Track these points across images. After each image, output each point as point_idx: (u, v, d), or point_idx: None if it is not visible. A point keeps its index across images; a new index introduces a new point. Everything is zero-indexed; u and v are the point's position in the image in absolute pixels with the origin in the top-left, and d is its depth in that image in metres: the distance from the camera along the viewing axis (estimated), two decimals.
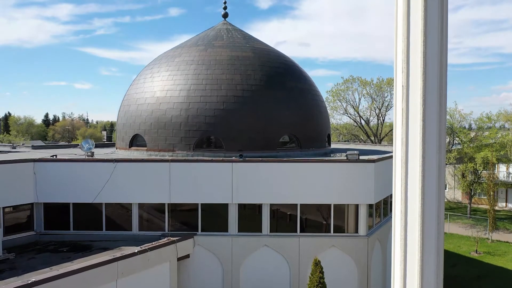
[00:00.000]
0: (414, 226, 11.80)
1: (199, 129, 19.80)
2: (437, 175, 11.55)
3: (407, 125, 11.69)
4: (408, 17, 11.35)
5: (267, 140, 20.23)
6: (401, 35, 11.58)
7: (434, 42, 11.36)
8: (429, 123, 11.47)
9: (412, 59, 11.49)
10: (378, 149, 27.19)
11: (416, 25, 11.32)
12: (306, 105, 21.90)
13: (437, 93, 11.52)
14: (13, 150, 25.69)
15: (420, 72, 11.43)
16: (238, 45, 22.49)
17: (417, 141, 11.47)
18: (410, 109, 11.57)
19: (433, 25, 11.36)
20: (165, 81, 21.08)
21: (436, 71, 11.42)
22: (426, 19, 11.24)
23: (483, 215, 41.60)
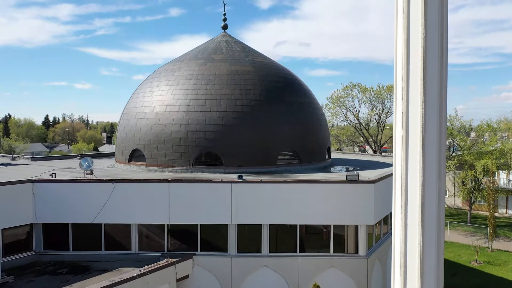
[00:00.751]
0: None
1: (198, 145, 19.77)
2: (437, 194, 11.52)
3: (406, 153, 11.69)
4: (408, 44, 11.33)
5: (267, 155, 20.20)
6: (401, 62, 11.56)
7: (434, 70, 11.34)
8: (428, 150, 11.46)
9: (412, 86, 11.48)
10: (378, 161, 27.18)
11: (415, 53, 11.28)
12: (306, 120, 21.85)
13: (437, 120, 11.50)
14: (13, 162, 25.64)
15: (420, 99, 11.42)
16: (237, 58, 22.44)
17: (417, 169, 11.45)
18: (410, 137, 11.58)
19: (433, 51, 11.33)
20: (164, 95, 21.04)
21: (436, 99, 11.37)
22: (426, 45, 11.21)
23: (483, 222, 41.57)
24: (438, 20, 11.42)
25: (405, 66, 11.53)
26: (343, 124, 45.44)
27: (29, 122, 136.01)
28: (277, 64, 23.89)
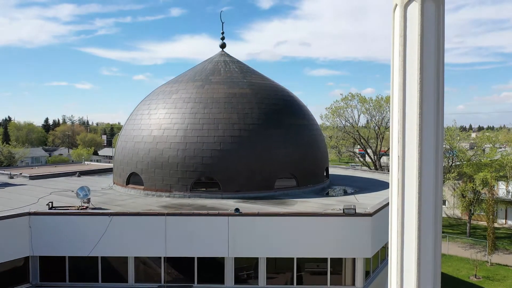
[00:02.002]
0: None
1: (196, 170, 19.73)
2: (433, 242, 11.51)
3: (403, 195, 11.66)
4: (404, 88, 11.31)
5: (265, 179, 20.17)
6: (397, 106, 11.53)
7: (430, 114, 11.32)
8: (425, 194, 11.44)
9: (408, 129, 11.45)
10: (377, 179, 27.11)
11: (411, 98, 11.27)
12: (304, 142, 21.80)
13: (434, 163, 11.50)
14: (10, 181, 25.58)
15: (416, 144, 11.39)
16: (235, 80, 22.38)
17: (413, 213, 11.43)
18: (406, 179, 11.55)
19: (429, 95, 11.32)
20: (162, 119, 21.00)
21: (432, 143, 11.39)
22: (422, 91, 11.20)
23: (482, 233, 41.51)
24: (434, 64, 11.41)
25: (402, 111, 11.52)
26: (342, 135, 45.29)
27: (29, 125, 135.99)
28: (274, 85, 23.82)
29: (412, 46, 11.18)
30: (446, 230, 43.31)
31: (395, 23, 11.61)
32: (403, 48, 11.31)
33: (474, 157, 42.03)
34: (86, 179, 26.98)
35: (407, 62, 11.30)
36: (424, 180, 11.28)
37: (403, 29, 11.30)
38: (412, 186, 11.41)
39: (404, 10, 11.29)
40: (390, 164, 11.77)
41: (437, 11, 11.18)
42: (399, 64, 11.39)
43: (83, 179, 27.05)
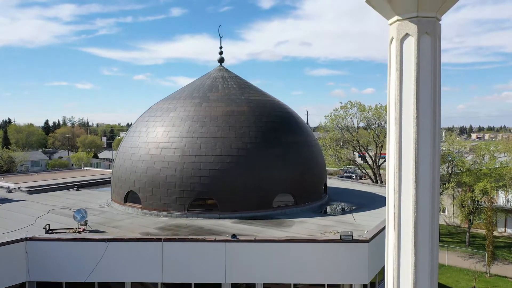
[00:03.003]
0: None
1: (193, 190, 19.71)
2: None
3: (399, 231, 11.62)
4: (400, 123, 11.27)
5: (262, 198, 20.14)
6: (393, 142, 11.49)
7: (426, 150, 11.28)
8: (421, 229, 11.40)
9: (404, 165, 11.41)
10: (376, 193, 27.05)
11: (408, 135, 11.23)
12: (302, 160, 21.78)
13: (430, 197, 11.46)
14: (8, 196, 25.56)
15: (412, 178, 11.35)
16: (233, 97, 22.35)
17: (409, 249, 11.40)
18: (402, 215, 11.51)
19: (426, 131, 11.27)
20: (159, 137, 20.98)
21: (429, 177, 11.35)
22: (418, 127, 11.16)
23: (482, 242, 41.44)
24: (431, 99, 11.37)
25: (398, 145, 11.47)
26: (341, 143, 45.31)
27: (29, 127, 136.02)
28: (272, 101, 23.78)
29: (409, 81, 11.10)
30: (446, 239, 43.28)
31: (391, 57, 11.55)
32: (399, 83, 11.24)
33: (474, 165, 41.93)
34: (84, 193, 26.97)
35: (403, 97, 11.25)
36: (420, 216, 11.23)
37: (399, 64, 11.23)
38: (408, 223, 11.38)
39: (400, 44, 11.22)
40: (387, 198, 11.72)
41: (433, 45, 11.11)
42: (395, 99, 11.33)
43: (81, 193, 27.05)
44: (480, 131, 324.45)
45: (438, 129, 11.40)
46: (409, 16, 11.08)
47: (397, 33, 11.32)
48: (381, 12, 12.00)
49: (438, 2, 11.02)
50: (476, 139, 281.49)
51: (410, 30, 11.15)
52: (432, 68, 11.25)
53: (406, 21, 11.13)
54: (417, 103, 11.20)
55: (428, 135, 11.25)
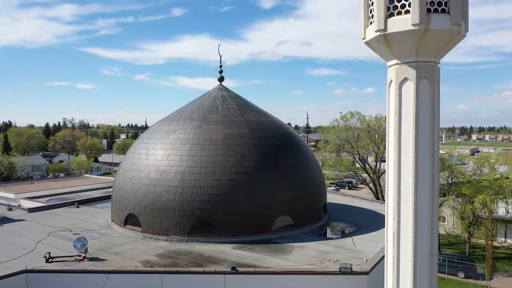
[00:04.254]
0: None
1: (193, 215, 19.75)
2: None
3: (398, 274, 11.67)
4: (399, 170, 11.30)
5: (262, 222, 20.18)
6: (392, 185, 11.52)
7: (425, 193, 11.32)
8: (420, 274, 11.45)
9: (404, 208, 11.45)
10: (377, 211, 27.08)
11: (407, 178, 11.26)
12: (302, 182, 21.81)
13: (429, 241, 11.50)
14: (9, 216, 25.58)
15: (411, 222, 11.38)
16: (233, 119, 22.38)
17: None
18: (401, 258, 11.57)
19: (425, 175, 11.30)
20: (159, 160, 21.01)
21: (428, 220, 11.39)
22: (417, 171, 11.19)
23: (482, 253, 41.47)
24: (429, 143, 11.41)
25: (397, 188, 11.51)
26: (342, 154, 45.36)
27: (29, 130, 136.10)
28: (272, 122, 23.80)
29: (407, 125, 11.15)
30: (445, 249, 43.32)
31: (390, 100, 11.59)
32: (398, 126, 11.30)
33: (474, 176, 41.91)
34: (84, 211, 26.99)
35: (402, 141, 11.30)
36: (419, 260, 11.29)
37: (398, 107, 11.29)
38: (407, 266, 11.42)
39: (399, 88, 11.26)
40: (386, 239, 11.77)
41: (432, 89, 11.15)
42: (394, 142, 11.38)
43: (81, 211, 27.06)
44: (481, 132, 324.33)
45: (436, 173, 11.44)
46: (408, 60, 11.16)
47: (396, 77, 11.38)
48: (380, 54, 12.04)
49: (437, 48, 11.07)
50: (476, 140, 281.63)
51: (409, 74, 11.21)
52: (431, 112, 11.31)
53: (405, 66, 11.20)
54: (416, 147, 11.27)
55: (427, 179, 11.31)
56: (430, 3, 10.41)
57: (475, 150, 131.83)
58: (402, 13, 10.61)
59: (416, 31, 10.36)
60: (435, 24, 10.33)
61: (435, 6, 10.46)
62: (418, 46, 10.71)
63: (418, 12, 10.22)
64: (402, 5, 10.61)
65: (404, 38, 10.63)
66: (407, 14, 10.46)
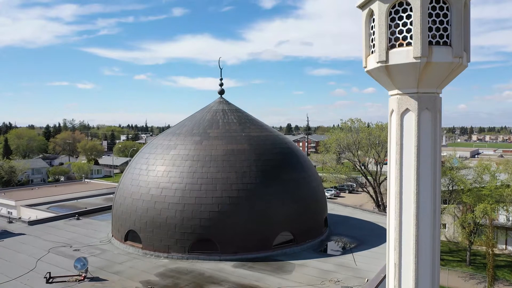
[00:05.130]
0: None
1: (194, 232, 19.71)
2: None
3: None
4: (400, 201, 11.26)
5: (263, 240, 20.14)
6: (393, 216, 11.48)
7: (427, 225, 11.27)
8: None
9: (405, 241, 11.40)
10: (379, 224, 27.05)
11: (408, 209, 11.22)
12: (302, 197, 21.77)
13: (430, 270, 11.45)
14: (9, 229, 25.54)
15: (413, 253, 11.34)
16: (233, 134, 22.33)
17: None
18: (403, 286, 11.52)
19: (426, 205, 11.26)
20: (160, 177, 20.97)
21: (429, 250, 11.35)
22: (419, 202, 11.15)
23: (483, 261, 41.44)
24: (431, 173, 11.37)
25: (398, 218, 11.46)
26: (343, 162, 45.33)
27: (29, 132, 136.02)
28: (272, 136, 23.74)
29: (409, 156, 11.09)
30: (446, 257, 43.31)
31: (392, 129, 11.49)
32: (400, 157, 11.23)
33: (474, 184, 41.84)
34: (85, 224, 26.95)
35: (403, 171, 11.25)
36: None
37: (400, 138, 11.22)
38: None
39: (401, 118, 11.20)
40: (387, 271, 11.72)
41: (433, 120, 11.07)
42: (395, 173, 11.33)
43: (82, 223, 27.03)
44: (481, 132, 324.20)
45: (438, 204, 11.37)
46: (410, 91, 11.10)
47: (398, 107, 11.31)
48: (381, 83, 11.99)
49: (438, 80, 11.03)
50: (477, 140, 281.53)
51: (410, 105, 11.15)
52: (432, 143, 11.25)
53: (407, 96, 11.14)
54: (418, 178, 11.22)
55: (428, 210, 11.25)
56: (431, 35, 10.37)
57: (476, 152, 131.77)
58: (403, 45, 10.57)
59: (417, 64, 10.32)
60: (436, 57, 10.27)
61: (436, 39, 10.42)
62: (420, 78, 10.66)
63: (419, 45, 10.14)
64: (403, 37, 10.54)
65: (405, 70, 10.58)
66: (408, 46, 10.42)
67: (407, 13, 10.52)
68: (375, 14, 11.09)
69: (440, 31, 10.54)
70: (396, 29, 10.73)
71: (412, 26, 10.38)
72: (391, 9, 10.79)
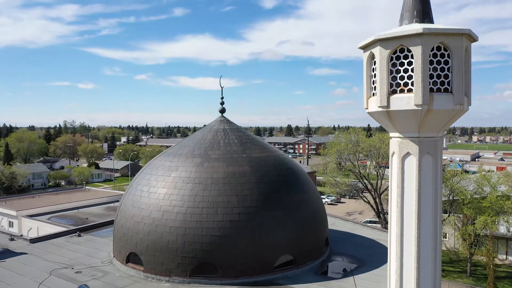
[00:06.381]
0: None
1: (195, 256, 19.77)
2: None
3: None
4: (401, 244, 11.31)
5: (264, 263, 20.20)
6: (394, 259, 11.53)
7: (428, 268, 11.33)
8: None
9: (406, 280, 11.47)
10: (378, 241, 27.10)
11: (409, 252, 11.28)
12: (303, 219, 21.82)
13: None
14: (10, 246, 25.63)
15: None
16: (234, 155, 22.39)
17: None
18: None
19: (427, 248, 11.32)
20: (161, 200, 21.04)
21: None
22: (419, 246, 11.20)
23: (483, 271, 41.51)
24: (432, 216, 11.43)
25: (399, 261, 11.53)
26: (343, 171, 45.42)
27: (30, 135, 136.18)
28: (273, 157, 23.77)
29: (410, 200, 11.16)
30: (447, 268, 43.37)
31: (393, 172, 11.59)
32: (401, 200, 11.32)
33: (475, 194, 41.90)
34: (86, 241, 27.01)
35: (404, 214, 11.32)
36: None
37: (401, 181, 11.30)
38: None
39: (402, 161, 11.27)
40: None
41: (434, 164, 11.16)
42: (396, 215, 11.40)
43: (83, 241, 27.08)
44: (482, 133, 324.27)
45: (439, 247, 11.46)
46: (411, 135, 11.16)
47: (399, 150, 11.39)
48: (383, 125, 12.04)
49: (439, 125, 11.08)
50: (477, 141, 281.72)
51: (411, 149, 11.21)
52: (433, 187, 11.32)
53: (408, 140, 11.20)
54: (419, 222, 11.29)
55: (429, 253, 11.34)
56: (432, 82, 10.42)
57: (476, 156, 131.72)
58: (404, 91, 10.62)
59: (418, 111, 10.38)
60: (437, 104, 10.32)
61: (437, 86, 10.46)
62: (421, 123, 10.70)
63: (421, 92, 10.19)
64: (404, 83, 10.60)
65: (406, 115, 10.63)
66: (409, 93, 10.46)
67: (408, 59, 10.58)
68: (376, 58, 11.15)
69: (441, 78, 10.59)
70: (397, 75, 10.79)
71: (413, 72, 10.44)
72: (392, 54, 10.85)
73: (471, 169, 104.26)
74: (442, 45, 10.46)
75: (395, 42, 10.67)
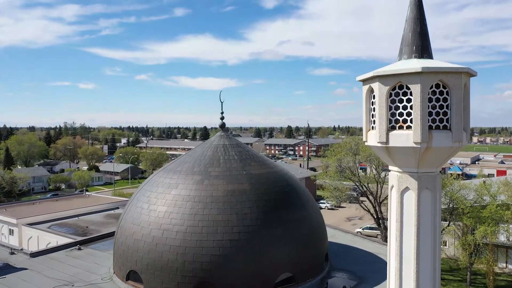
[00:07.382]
0: None
1: (195, 276, 19.80)
2: None
3: None
4: (400, 278, 11.34)
5: (264, 282, 20.22)
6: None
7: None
8: None
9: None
10: (377, 254, 27.14)
11: (408, 285, 11.31)
12: (303, 236, 21.86)
13: None
14: (11, 261, 25.66)
15: None
16: (234, 173, 22.42)
17: None
18: None
19: (426, 281, 11.35)
20: (161, 218, 21.07)
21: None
22: (418, 279, 11.24)
23: (483, 280, 41.54)
24: (431, 251, 11.46)
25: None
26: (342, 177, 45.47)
27: (30, 137, 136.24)
28: (273, 173, 23.79)
29: (409, 234, 11.19)
30: (447, 276, 43.40)
31: (392, 205, 11.61)
32: (400, 234, 11.34)
33: (475, 202, 41.90)
34: (86, 256, 27.04)
35: (403, 249, 11.35)
36: None
37: (400, 215, 11.32)
38: None
39: (401, 196, 11.29)
40: None
41: (433, 199, 11.16)
42: (395, 249, 11.43)
43: (83, 255, 27.11)
44: (482, 134, 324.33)
45: (438, 281, 11.49)
46: (410, 171, 11.17)
47: (398, 185, 11.41)
48: (382, 159, 12.07)
49: (438, 161, 11.10)
50: (477, 142, 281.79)
51: (410, 184, 11.23)
52: (432, 222, 11.34)
53: (407, 175, 11.21)
54: (417, 257, 11.31)
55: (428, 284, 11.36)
56: (431, 119, 10.43)
57: (476, 158, 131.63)
58: (403, 128, 10.64)
59: (418, 148, 10.39)
60: (436, 142, 10.32)
61: (436, 123, 10.48)
62: (420, 160, 10.71)
63: (420, 130, 10.20)
64: (404, 120, 10.61)
65: (405, 152, 10.64)
66: (408, 130, 10.48)
67: (407, 96, 10.59)
68: (375, 93, 11.15)
69: (440, 115, 10.60)
70: (396, 111, 10.80)
71: (412, 109, 10.46)
72: (392, 90, 10.87)
73: (471, 172, 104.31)
74: (441, 82, 10.47)
75: (394, 79, 10.68)
